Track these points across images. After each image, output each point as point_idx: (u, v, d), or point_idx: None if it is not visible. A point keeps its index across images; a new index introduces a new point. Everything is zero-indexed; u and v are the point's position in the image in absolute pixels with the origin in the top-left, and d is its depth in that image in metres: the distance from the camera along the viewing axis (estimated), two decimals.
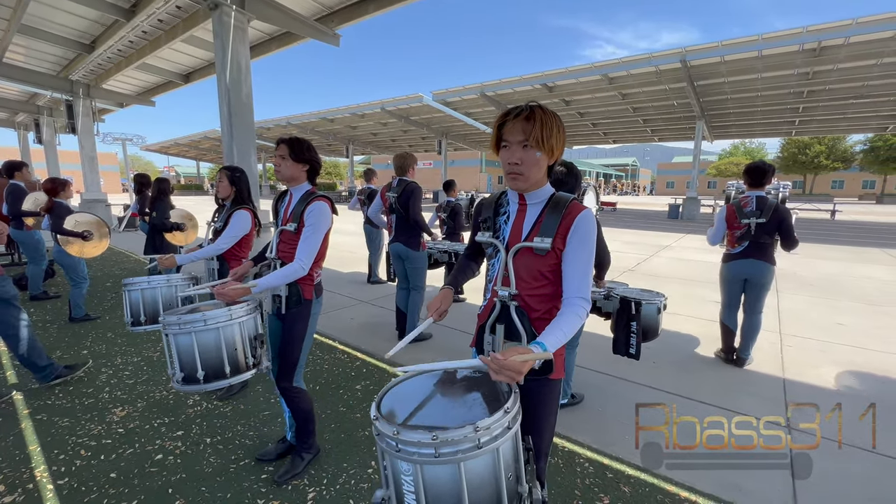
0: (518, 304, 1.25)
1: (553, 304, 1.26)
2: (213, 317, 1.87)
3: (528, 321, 1.25)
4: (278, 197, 2.14)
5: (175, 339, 1.87)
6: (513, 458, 1.04)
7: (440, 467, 0.93)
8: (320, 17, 7.91)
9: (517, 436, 1.06)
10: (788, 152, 39.20)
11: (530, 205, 1.27)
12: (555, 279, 1.24)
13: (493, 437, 0.96)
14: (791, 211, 3.19)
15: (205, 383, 1.86)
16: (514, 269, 1.25)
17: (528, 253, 1.23)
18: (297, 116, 24.59)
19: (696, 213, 17.84)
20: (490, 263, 1.36)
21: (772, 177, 3.26)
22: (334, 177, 58.64)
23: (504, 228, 1.30)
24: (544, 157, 1.18)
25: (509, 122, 1.17)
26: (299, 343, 2.02)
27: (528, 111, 1.15)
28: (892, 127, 18.50)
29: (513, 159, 1.17)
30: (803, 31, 10.87)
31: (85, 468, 2.14)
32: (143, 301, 2.52)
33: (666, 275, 6.79)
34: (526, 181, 1.20)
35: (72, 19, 8.52)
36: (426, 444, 0.92)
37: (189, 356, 1.86)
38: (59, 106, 14.05)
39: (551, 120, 1.15)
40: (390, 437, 0.95)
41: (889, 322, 4.49)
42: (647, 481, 2.07)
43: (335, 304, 5.02)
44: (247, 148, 6.91)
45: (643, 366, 3.32)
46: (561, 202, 1.22)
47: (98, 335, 4.02)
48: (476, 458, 0.94)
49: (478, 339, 1.40)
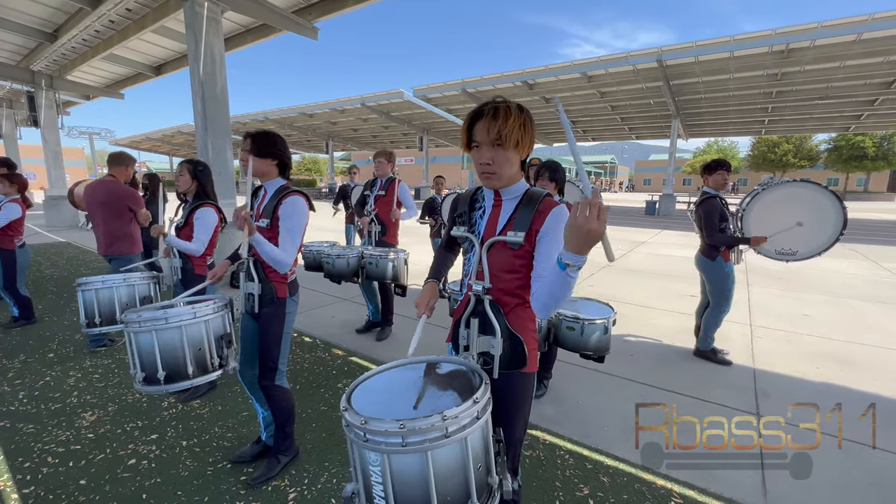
0: (492, 298, 1.27)
1: (525, 297, 1.27)
2: (175, 314, 1.80)
3: (503, 315, 1.26)
4: (253, 192, 2.07)
5: (135, 338, 1.78)
6: (482, 450, 1.05)
7: (407, 457, 0.93)
8: (297, 9, 7.72)
9: (487, 426, 1.06)
10: (758, 151, 40.56)
11: (505, 200, 1.28)
12: (527, 272, 1.25)
13: (461, 426, 0.96)
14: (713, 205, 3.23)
15: (166, 384, 1.79)
16: (488, 263, 1.27)
17: (501, 247, 1.25)
18: (276, 111, 24.10)
19: (672, 210, 18.33)
20: (466, 258, 1.38)
21: (713, 173, 3.28)
22: (314, 173, 57.62)
23: (480, 223, 1.32)
24: (515, 154, 1.19)
25: (478, 123, 1.17)
26: (276, 343, 1.98)
27: (494, 111, 1.14)
28: (854, 127, 19.40)
29: (484, 159, 1.18)
30: (772, 33, 11.26)
31: (52, 475, 2.05)
32: (97, 301, 2.43)
33: (643, 269, 6.96)
34: (499, 179, 1.22)
35: (32, 6, 8.08)
36: (393, 433, 0.91)
37: (150, 355, 1.78)
38: (20, 98, 13.35)
39: (519, 116, 1.14)
40: (358, 427, 0.94)
41: (851, 313, 4.72)
42: (625, 471, 2.12)
43: (315, 303, 4.95)
44: (222, 143, 6.71)
45: (621, 359, 3.40)
46: (535, 198, 1.24)
47: (66, 337, 3.86)
48: (444, 448, 0.94)
49: (453, 333, 1.41)
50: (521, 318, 1.28)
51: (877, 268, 7.26)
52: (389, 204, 3.78)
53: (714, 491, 1.98)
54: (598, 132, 23.65)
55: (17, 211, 3.89)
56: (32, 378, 3.06)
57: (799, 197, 3.16)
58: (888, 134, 34.30)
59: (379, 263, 3.45)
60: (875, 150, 35.15)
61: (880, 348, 3.70)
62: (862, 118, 17.18)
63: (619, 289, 5.67)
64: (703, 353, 3.44)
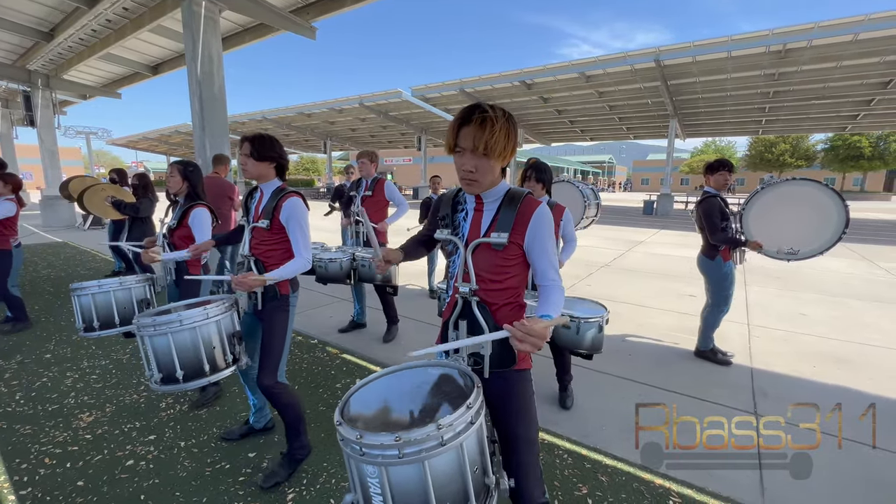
0: (479, 299, 1.28)
1: (512, 295, 1.30)
2: (188, 317, 1.88)
3: (490, 315, 1.28)
4: (248, 193, 2.10)
5: (151, 341, 1.86)
6: (478, 452, 1.05)
7: (405, 467, 0.94)
8: (295, 8, 7.71)
9: (481, 429, 1.07)
10: (756, 150, 40.66)
11: (487, 203, 1.30)
12: (513, 272, 1.28)
13: (456, 433, 0.97)
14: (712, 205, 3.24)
15: (184, 382, 1.87)
16: (474, 265, 1.28)
17: (486, 248, 1.27)
18: (274, 111, 24.02)
19: (670, 210, 18.37)
20: (450, 260, 1.38)
21: (714, 173, 3.29)
22: (312, 173, 57.47)
23: (463, 225, 1.33)
24: (497, 163, 1.21)
25: (465, 128, 1.17)
26: (281, 337, 2.00)
27: (482, 120, 1.14)
28: (851, 127, 19.47)
29: (467, 167, 1.20)
30: (770, 33, 11.29)
31: (49, 476, 2.05)
32: (94, 305, 2.45)
33: (640, 269, 6.97)
34: (480, 186, 1.24)
35: (28, 5, 8.05)
36: (389, 446, 0.92)
37: (167, 357, 1.86)
38: (16, 97, 13.29)
39: (504, 126, 1.16)
40: (354, 442, 0.95)
41: (847, 312, 4.74)
42: (624, 470, 2.13)
43: (313, 303, 4.95)
44: (220, 143, 6.70)
45: (619, 358, 3.40)
46: (516, 197, 1.26)
47: (62, 338, 3.84)
48: (440, 456, 0.95)
49: (443, 336, 1.43)
50: (509, 316, 1.29)
51: (873, 267, 7.29)
52: (377, 204, 3.80)
53: (712, 490, 1.99)
54: (595, 132, 23.66)
55: (10, 208, 3.88)
56: (29, 379, 3.05)
57: (800, 196, 3.14)
58: (884, 134, 34.43)
59: (372, 265, 3.45)
60: (871, 150, 35.28)
61: (877, 347, 3.72)
62: (858, 118, 17.24)
63: (617, 288, 5.68)
64: (702, 353, 3.44)
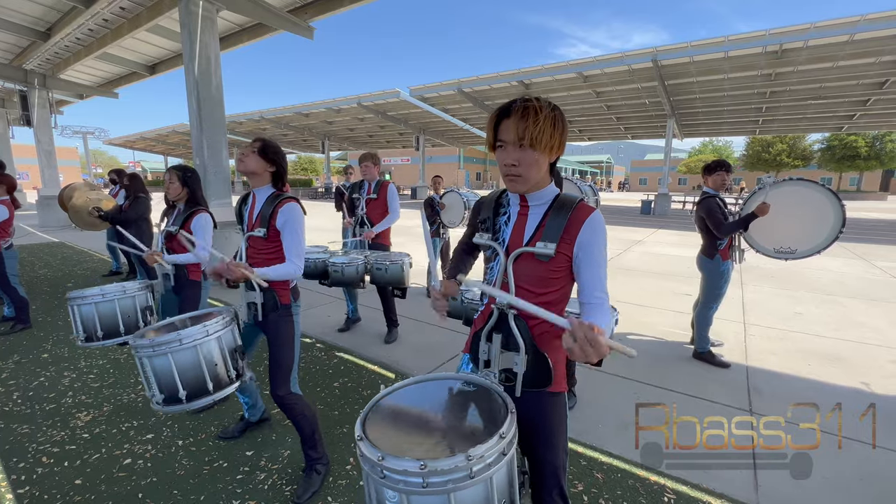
0: (516, 311, 1.16)
1: (555, 311, 1.09)
2: (188, 335, 1.78)
3: (528, 331, 1.16)
4: (241, 200, 2.03)
5: (150, 362, 1.76)
6: (507, 484, 0.96)
7: (428, 498, 0.86)
8: (293, 8, 7.70)
9: (512, 461, 0.97)
10: (753, 150, 40.79)
11: (532, 206, 1.18)
12: (558, 284, 1.15)
13: (486, 465, 0.88)
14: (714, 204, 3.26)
15: (188, 402, 1.77)
16: (515, 275, 1.16)
17: (529, 258, 1.14)
18: (271, 111, 23.97)
19: (668, 209, 18.44)
20: (488, 267, 1.28)
21: (712, 173, 3.32)
22: (310, 173, 57.39)
23: (504, 230, 1.21)
24: (544, 157, 1.09)
25: (505, 121, 1.08)
26: (290, 348, 1.95)
27: (523, 109, 1.04)
28: (847, 127, 19.55)
29: (509, 160, 1.08)
30: (766, 33, 11.34)
31: (47, 475, 2.05)
32: (97, 315, 2.36)
33: (639, 269, 7.00)
34: (525, 183, 1.11)
35: (25, 4, 8.01)
36: (414, 474, 0.83)
37: (168, 377, 1.76)
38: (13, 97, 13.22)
39: (549, 115, 1.05)
40: (375, 463, 0.86)
41: (841, 311, 4.77)
42: (619, 468, 2.14)
43: (311, 302, 4.95)
44: (217, 143, 6.68)
45: (616, 356, 3.41)
46: (567, 203, 1.13)
47: (60, 338, 3.84)
48: (468, 489, 0.87)
49: (472, 346, 1.29)
50: (549, 334, 1.17)
51: (869, 266, 7.33)
52: (381, 207, 3.80)
53: (707, 487, 2.00)
54: (594, 132, 23.70)
55: (3, 213, 3.85)
56: (27, 378, 3.05)
57: (798, 195, 3.18)
58: (880, 134, 34.60)
59: (389, 269, 3.43)
60: (868, 150, 35.44)
61: (872, 345, 3.75)
62: (855, 118, 17.32)
63: (615, 288, 5.69)
64: (701, 355, 3.45)
